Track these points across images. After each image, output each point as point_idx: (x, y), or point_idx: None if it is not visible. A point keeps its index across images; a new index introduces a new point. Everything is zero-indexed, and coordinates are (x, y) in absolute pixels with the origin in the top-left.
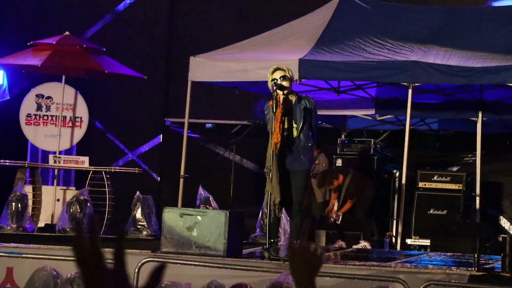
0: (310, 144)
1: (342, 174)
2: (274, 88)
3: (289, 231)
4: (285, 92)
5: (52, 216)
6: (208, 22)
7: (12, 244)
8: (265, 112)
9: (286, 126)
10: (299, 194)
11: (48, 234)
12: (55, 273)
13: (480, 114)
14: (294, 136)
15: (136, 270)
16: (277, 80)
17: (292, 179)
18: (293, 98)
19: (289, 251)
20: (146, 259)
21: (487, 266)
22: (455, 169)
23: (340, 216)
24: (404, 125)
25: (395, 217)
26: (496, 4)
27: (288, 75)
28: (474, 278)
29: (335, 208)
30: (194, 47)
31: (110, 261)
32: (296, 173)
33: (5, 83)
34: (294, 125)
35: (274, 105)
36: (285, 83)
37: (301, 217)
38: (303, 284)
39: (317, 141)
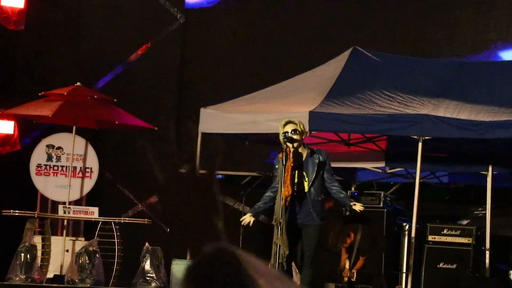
0: (320, 198)
1: (352, 231)
2: (285, 141)
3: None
4: (295, 145)
5: (61, 267)
6: (219, 73)
7: None
8: (275, 164)
9: (296, 180)
10: (311, 248)
11: (57, 285)
12: None
13: (490, 168)
14: (305, 191)
15: None
16: (287, 133)
17: (304, 233)
18: (304, 152)
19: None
20: None
21: None
22: (465, 222)
23: (355, 273)
24: (414, 178)
25: (404, 271)
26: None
27: (300, 129)
28: None
29: (347, 265)
30: (205, 98)
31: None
32: (308, 227)
33: (16, 133)
34: (306, 179)
35: (284, 157)
36: (295, 137)
37: (312, 271)
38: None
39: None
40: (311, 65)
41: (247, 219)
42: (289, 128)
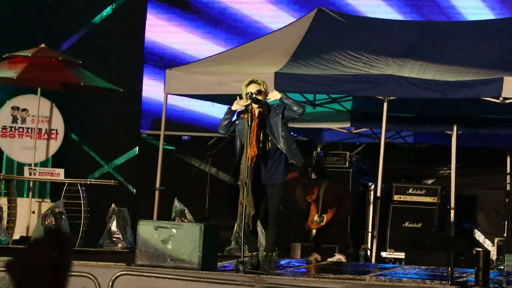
0: (294, 146)
1: (317, 184)
2: (249, 101)
3: (264, 244)
4: (260, 105)
5: (27, 228)
6: (183, 34)
7: None
8: (237, 123)
9: (261, 139)
10: (275, 207)
11: (23, 246)
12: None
13: (455, 128)
14: (268, 150)
15: (110, 284)
16: (252, 94)
17: (269, 193)
18: (266, 111)
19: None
20: (121, 272)
21: (461, 280)
22: (430, 182)
23: (323, 222)
24: (380, 138)
25: (370, 230)
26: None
27: (263, 89)
28: None
29: (316, 218)
30: (169, 59)
31: None
32: (272, 186)
33: None
34: (269, 138)
35: (250, 118)
36: (260, 97)
37: (277, 229)
38: None
39: None
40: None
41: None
42: (252, 88)
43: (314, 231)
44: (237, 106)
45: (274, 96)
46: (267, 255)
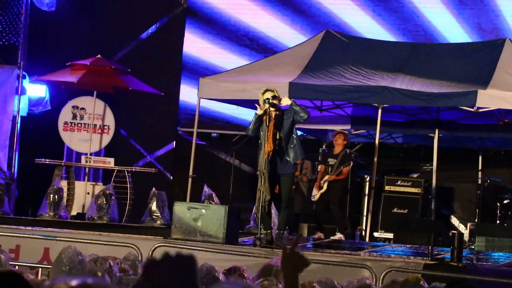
0: (292, 146)
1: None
2: (267, 106)
3: (277, 223)
4: (276, 109)
5: (83, 206)
6: (215, 49)
7: (49, 229)
8: (253, 121)
9: (277, 137)
10: (286, 193)
11: (79, 221)
12: (79, 251)
13: (436, 131)
14: (282, 146)
15: (150, 253)
16: (269, 99)
17: (282, 181)
18: (280, 113)
19: (282, 256)
20: (159, 244)
21: (439, 256)
22: (415, 175)
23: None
24: (375, 139)
25: (365, 214)
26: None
27: (277, 95)
28: (428, 266)
29: (326, 178)
30: (204, 69)
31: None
32: (285, 176)
33: (47, 96)
34: (282, 136)
35: (268, 119)
36: (275, 101)
37: (287, 212)
38: (290, 278)
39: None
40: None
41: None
42: (269, 95)
43: (317, 195)
44: (260, 111)
45: (285, 101)
46: (280, 232)
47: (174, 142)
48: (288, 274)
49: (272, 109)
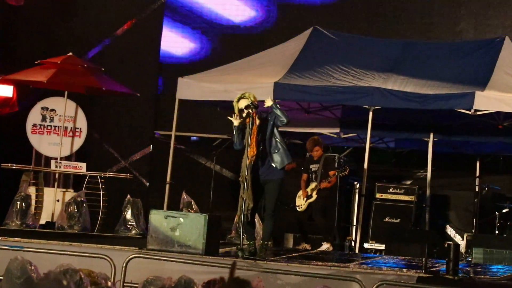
0: (277, 151)
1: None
2: (244, 114)
3: (261, 234)
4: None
5: (52, 214)
6: (194, 48)
7: (16, 239)
8: (236, 134)
9: (260, 140)
10: (272, 201)
11: (48, 230)
12: (27, 260)
13: (431, 135)
14: (266, 150)
15: (124, 265)
16: (243, 110)
17: (266, 188)
18: (261, 118)
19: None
20: (134, 255)
21: (434, 269)
22: (408, 182)
23: (315, 191)
24: (365, 143)
25: (354, 224)
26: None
27: (251, 101)
28: (421, 279)
29: (312, 186)
30: (182, 68)
31: None
32: (270, 182)
33: (15, 96)
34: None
35: (251, 122)
36: (250, 110)
37: (273, 221)
38: None
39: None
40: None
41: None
42: (243, 103)
43: (305, 204)
44: (236, 121)
45: (267, 102)
46: (264, 243)
47: (151, 146)
48: None
49: (253, 111)
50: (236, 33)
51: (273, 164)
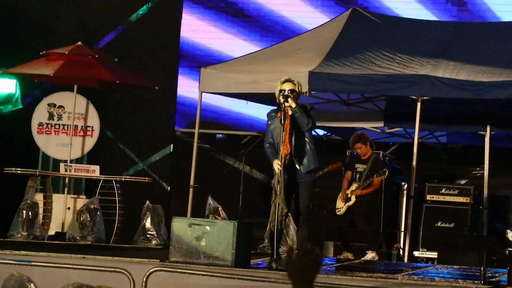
0: (304, 151)
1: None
2: (281, 99)
3: (296, 241)
4: (291, 104)
5: (63, 224)
6: (219, 33)
7: (22, 252)
8: (268, 120)
9: (293, 138)
10: (305, 204)
11: (58, 242)
12: (27, 277)
13: (488, 128)
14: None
15: (144, 280)
16: (284, 91)
17: (300, 190)
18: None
19: (287, 257)
20: (155, 268)
21: (494, 280)
22: (463, 182)
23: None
24: (413, 138)
25: (402, 229)
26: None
27: (297, 90)
28: None
29: (353, 188)
30: (206, 57)
31: None
32: (303, 184)
33: (18, 92)
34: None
35: (283, 116)
36: (290, 100)
37: (307, 227)
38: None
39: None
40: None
41: (277, 164)
42: (287, 86)
43: (343, 208)
44: (276, 166)
45: (291, 103)
46: None
47: (172, 145)
48: (298, 282)
49: (287, 104)
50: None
51: (297, 166)
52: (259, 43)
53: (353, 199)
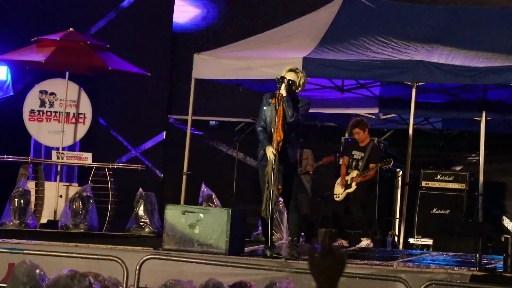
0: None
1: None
2: (278, 83)
3: (288, 228)
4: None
5: (55, 212)
6: (212, 19)
7: (15, 240)
8: (264, 103)
9: (286, 125)
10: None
11: (50, 230)
12: (36, 265)
13: (483, 114)
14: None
15: (138, 268)
16: (284, 78)
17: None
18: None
19: (309, 257)
20: (148, 256)
21: (489, 266)
22: (458, 168)
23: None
24: (408, 124)
25: (397, 216)
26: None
27: (297, 83)
28: (475, 278)
29: (353, 174)
30: (198, 44)
31: None
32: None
33: (9, 79)
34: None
35: (277, 103)
36: (283, 87)
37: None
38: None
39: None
40: (305, 11)
41: (272, 152)
42: (288, 75)
43: (343, 194)
44: (271, 154)
45: (282, 91)
46: (292, 239)
47: (164, 132)
48: (323, 282)
49: (282, 91)
50: None
51: (288, 152)
52: (253, 28)
53: (353, 186)
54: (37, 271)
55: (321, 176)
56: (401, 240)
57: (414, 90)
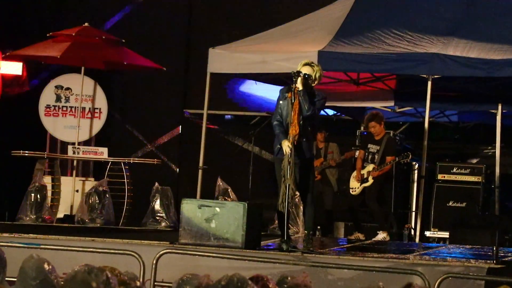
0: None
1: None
2: (294, 78)
3: (304, 222)
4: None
5: (71, 207)
6: (227, 13)
7: (31, 235)
8: (280, 97)
9: (301, 119)
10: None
11: (67, 225)
12: (44, 259)
13: (499, 107)
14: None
15: (154, 262)
16: (300, 73)
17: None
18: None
19: None
20: (165, 251)
21: (506, 259)
22: (474, 161)
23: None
24: (424, 117)
25: (414, 210)
26: None
27: (313, 77)
28: (492, 271)
29: (369, 168)
30: (213, 38)
31: None
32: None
33: (25, 75)
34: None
35: (293, 97)
36: (299, 82)
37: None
38: None
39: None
40: (320, 5)
41: (288, 146)
42: (304, 69)
43: (359, 188)
44: (287, 148)
45: (299, 85)
46: (309, 233)
47: (180, 126)
48: None
49: (299, 85)
50: None
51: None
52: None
53: (370, 180)
54: (45, 265)
55: (346, 169)
56: (418, 233)
57: (429, 83)
